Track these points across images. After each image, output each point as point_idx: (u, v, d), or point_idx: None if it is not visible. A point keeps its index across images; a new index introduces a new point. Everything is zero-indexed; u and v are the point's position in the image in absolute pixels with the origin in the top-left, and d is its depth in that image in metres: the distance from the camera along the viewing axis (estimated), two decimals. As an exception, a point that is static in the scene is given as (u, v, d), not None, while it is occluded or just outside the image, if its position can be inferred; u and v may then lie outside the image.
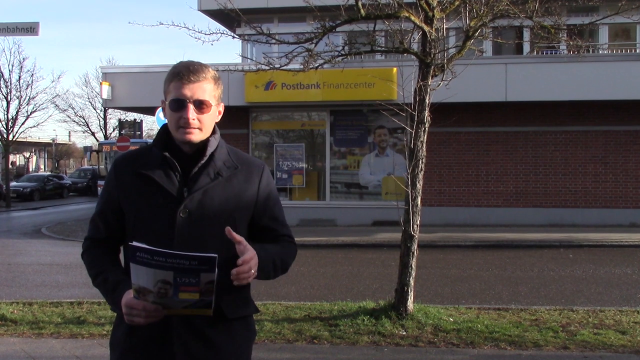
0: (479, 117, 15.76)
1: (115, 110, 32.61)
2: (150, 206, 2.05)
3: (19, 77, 26.06)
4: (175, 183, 2.06)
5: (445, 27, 6.76)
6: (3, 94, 25.71)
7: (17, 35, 15.45)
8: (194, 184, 2.05)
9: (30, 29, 12.07)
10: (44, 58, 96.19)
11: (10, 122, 25.45)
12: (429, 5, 6.29)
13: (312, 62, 6.83)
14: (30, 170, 55.48)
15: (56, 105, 37.65)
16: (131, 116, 31.59)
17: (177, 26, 7.25)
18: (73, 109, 40.73)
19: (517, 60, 15.35)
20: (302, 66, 6.95)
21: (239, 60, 20.13)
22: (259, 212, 2.16)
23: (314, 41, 6.66)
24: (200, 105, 2.03)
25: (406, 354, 5.36)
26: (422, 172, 6.53)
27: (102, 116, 40.28)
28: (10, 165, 36.99)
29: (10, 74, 25.87)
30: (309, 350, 5.50)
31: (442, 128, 13.51)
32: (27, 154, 58.90)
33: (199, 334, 2.04)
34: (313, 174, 16.71)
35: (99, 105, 38.36)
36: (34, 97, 26.90)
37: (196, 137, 2.05)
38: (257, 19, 13.98)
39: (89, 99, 40.95)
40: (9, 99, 25.62)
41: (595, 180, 15.62)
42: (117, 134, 31.50)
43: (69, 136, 59.86)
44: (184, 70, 2.02)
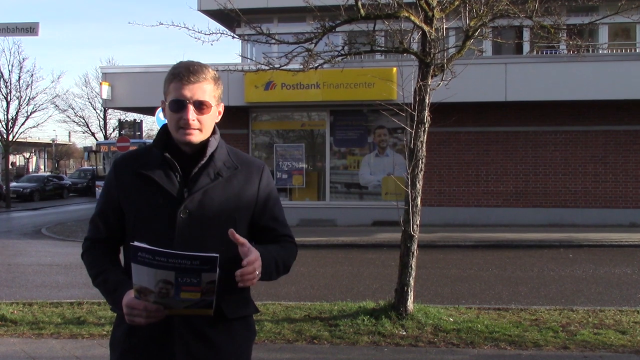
0: (478, 117, 15.77)
1: (115, 111, 32.62)
2: (150, 206, 2.05)
3: (19, 77, 26.12)
4: (176, 183, 2.06)
5: (445, 27, 6.76)
6: (3, 95, 25.75)
7: (17, 36, 15.43)
8: (194, 185, 2.05)
9: (30, 29, 12.06)
10: (44, 58, 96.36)
11: (10, 123, 25.47)
12: (428, 5, 6.29)
13: (311, 62, 6.83)
14: (30, 170, 55.49)
15: (56, 105, 37.77)
16: (131, 116, 31.61)
17: (177, 26, 7.25)
18: (73, 109, 40.83)
19: (517, 60, 15.35)
20: (301, 66, 6.95)
21: (238, 60, 20.13)
22: (259, 212, 2.16)
23: (314, 41, 6.66)
24: (200, 106, 2.03)
25: (406, 354, 5.36)
26: (422, 172, 6.53)
27: (102, 116, 40.31)
28: (10, 166, 37.00)
29: (10, 74, 25.94)
30: (309, 350, 5.50)
31: (442, 128, 13.52)
32: (27, 155, 58.90)
33: (199, 334, 2.04)
34: (313, 174, 16.71)
35: (99, 106, 38.38)
36: (33, 98, 26.99)
37: (196, 138, 2.05)
38: (257, 19, 13.98)
39: (88, 99, 41.04)
40: (8, 100, 25.66)
41: (595, 180, 15.62)
42: (117, 134, 31.49)
43: (69, 136, 60.05)
44: (184, 71, 2.02)
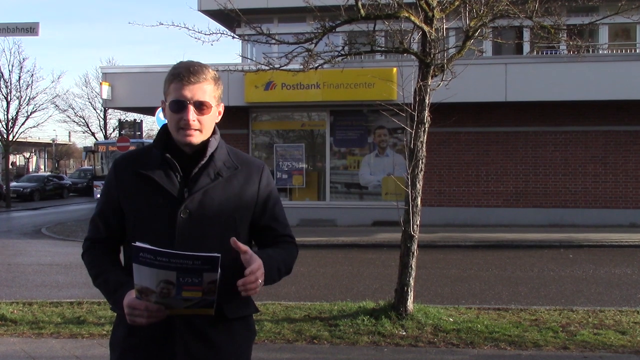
0: (478, 117, 15.77)
1: (115, 111, 32.62)
2: (150, 206, 2.05)
3: (19, 77, 26.14)
4: (176, 183, 2.06)
5: (445, 27, 6.76)
6: (3, 94, 25.76)
7: (17, 36, 15.45)
8: (194, 185, 2.05)
9: (30, 29, 12.07)
10: (44, 58, 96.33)
11: (10, 123, 25.48)
12: (428, 6, 6.29)
13: (312, 62, 6.83)
14: (30, 170, 55.49)
15: (56, 105, 37.74)
16: (131, 116, 31.59)
17: (177, 26, 7.26)
18: (73, 109, 40.80)
19: (517, 60, 15.36)
20: (302, 66, 6.95)
21: (238, 60, 20.15)
22: (260, 212, 2.16)
23: (314, 41, 6.66)
24: (200, 106, 2.03)
25: (406, 354, 5.36)
26: (422, 173, 6.53)
27: (102, 116, 40.28)
28: (11, 166, 36.99)
29: (10, 74, 25.96)
30: (308, 350, 5.50)
31: (442, 128, 13.52)
32: (27, 154, 58.91)
33: (199, 334, 2.04)
34: (313, 174, 16.71)
35: (99, 106, 38.37)
36: (34, 98, 27.00)
37: (196, 139, 2.06)
38: (257, 19, 13.98)
39: (89, 99, 41.01)
40: (9, 99, 25.67)
41: (595, 180, 15.63)
42: (117, 134, 31.49)
43: (69, 136, 60.02)
44: (184, 72, 2.02)
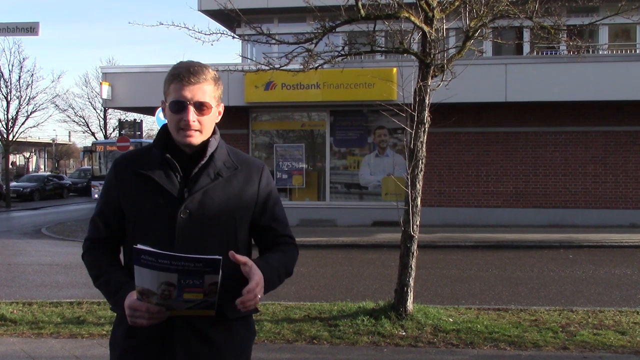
0: (478, 117, 15.77)
1: (115, 110, 32.62)
2: (150, 206, 2.05)
3: (19, 77, 26.14)
4: (176, 183, 2.06)
5: (445, 27, 6.76)
6: (3, 94, 25.76)
7: (17, 35, 15.44)
8: (194, 185, 2.05)
9: (30, 29, 12.07)
10: (44, 58, 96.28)
11: (10, 122, 25.48)
12: (428, 6, 6.30)
13: (312, 62, 6.83)
14: (30, 170, 55.49)
15: (56, 105, 37.71)
16: (131, 116, 31.59)
17: (177, 26, 7.26)
18: (73, 109, 40.76)
19: (517, 60, 15.36)
20: (302, 66, 6.96)
21: (239, 60, 20.14)
22: (259, 212, 2.16)
23: (314, 41, 6.67)
24: (200, 107, 2.03)
25: (406, 355, 5.36)
26: (422, 173, 6.53)
27: (102, 116, 40.25)
28: (10, 166, 37.00)
29: (10, 74, 25.95)
30: (308, 350, 5.50)
31: (442, 128, 13.53)
32: (27, 154, 58.91)
33: (199, 334, 2.04)
34: (313, 175, 16.71)
35: (99, 105, 38.35)
36: (34, 97, 26.99)
37: (196, 139, 2.06)
38: (257, 19, 13.98)
39: (89, 99, 40.98)
40: (9, 99, 25.67)
41: (595, 180, 15.63)
42: (117, 134, 31.49)
43: (69, 136, 59.96)
44: (184, 72, 2.02)
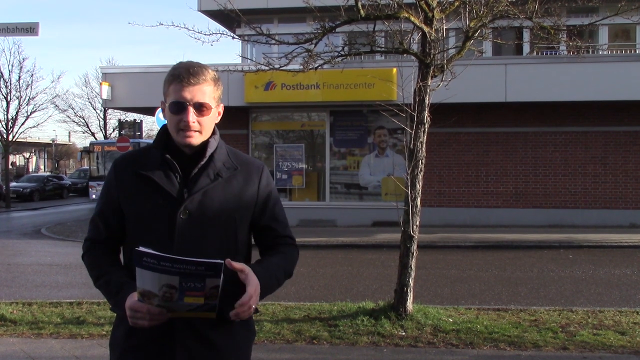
0: (478, 117, 15.77)
1: (115, 111, 32.61)
2: (150, 207, 2.05)
3: (19, 77, 26.11)
4: (176, 184, 2.06)
5: (445, 27, 6.76)
6: (3, 94, 25.74)
7: (17, 36, 15.42)
8: (194, 185, 2.05)
9: (30, 29, 12.06)
10: (44, 58, 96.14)
11: (10, 123, 25.46)
12: (428, 6, 6.30)
13: (311, 62, 6.83)
14: (30, 170, 55.48)
15: (56, 105, 37.74)
16: (131, 116, 31.60)
17: (177, 27, 7.27)
18: (73, 109, 40.78)
19: (517, 60, 15.36)
20: (301, 66, 6.96)
21: (238, 60, 20.13)
22: (259, 212, 2.16)
23: (314, 42, 6.67)
24: (200, 108, 2.03)
25: (405, 355, 5.36)
26: (421, 173, 6.53)
27: (102, 116, 40.29)
28: (10, 166, 37.00)
29: (10, 74, 25.94)
30: (308, 350, 5.50)
31: (442, 129, 13.52)
32: (27, 155, 58.89)
33: (199, 335, 2.04)
34: (313, 175, 16.71)
35: (98, 106, 38.35)
36: (33, 98, 26.98)
37: (196, 140, 2.06)
38: (257, 19, 13.98)
39: (88, 99, 40.99)
40: (8, 99, 25.65)
41: (595, 181, 15.63)
42: (117, 134, 31.49)
43: (69, 136, 59.94)
44: (184, 73, 2.02)
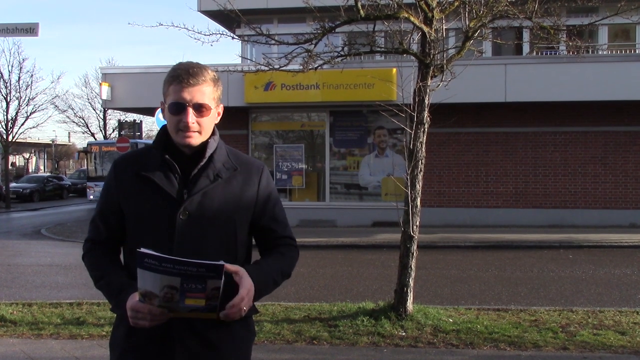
0: (478, 117, 15.77)
1: (115, 111, 32.62)
2: (150, 208, 2.05)
3: (19, 77, 26.07)
4: (175, 185, 2.06)
5: (444, 27, 6.77)
6: (3, 95, 25.70)
7: (17, 36, 15.43)
8: (193, 186, 2.05)
9: (30, 29, 12.05)
10: (44, 59, 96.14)
11: (9, 123, 25.44)
12: (428, 6, 6.30)
13: (311, 62, 6.84)
14: (30, 171, 55.49)
15: (56, 106, 37.71)
16: (131, 117, 31.61)
17: (177, 27, 7.27)
18: (73, 109, 40.73)
19: (517, 60, 15.36)
20: (301, 67, 6.96)
21: (238, 60, 20.13)
22: (259, 213, 2.16)
23: (314, 42, 6.67)
24: (199, 108, 2.03)
25: (406, 355, 5.36)
26: (421, 173, 6.53)
27: (102, 117, 40.27)
28: (10, 166, 37.00)
29: (9, 75, 25.89)
30: (308, 351, 5.50)
31: (442, 129, 13.52)
32: (26, 155, 58.88)
33: (199, 335, 2.04)
34: (313, 175, 16.71)
35: (98, 106, 38.31)
36: (33, 98, 26.93)
37: (196, 140, 2.05)
38: (256, 19, 13.98)
39: (88, 99, 40.95)
40: (8, 100, 25.62)
41: (594, 181, 15.63)
42: (117, 135, 31.48)
43: (69, 137, 59.85)
44: (184, 74, 2.01)
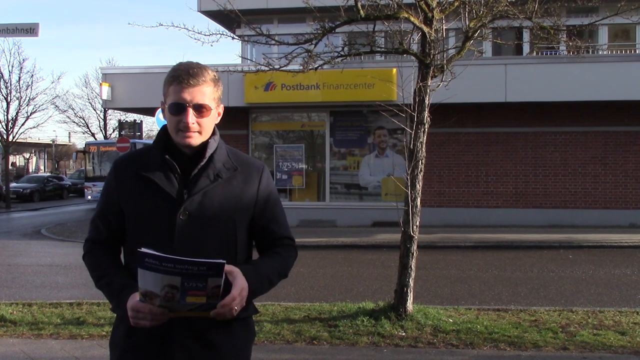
0: (478, 117, 15.77)
1: (115, 111, 32.63)
2: (150, 208, 2.05)
3: (19, 78, 26.09)
4: (175, 185, 2.06)
5: (444, 27, 6.77)
6: (3, 95, 25.72)
7: (17, 36, 15.45)
8: (193, 186, 2.05)
9: (30, 29, 12.05)
10: (44, 59, 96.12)
11: (10, 123, 25.45)
12: (428, 6, 6.30)
13: (311, 62, 6.84)
14: (30, 171, 55.49)
15: (56, 106, 37.74)
16: (131, 117, 31.62)
17: (177, 27, 7.27)
18: (73, 109, 40.76)
19: (517, 60, 15.36)
20: (301, 67, 6.96)
21: (238, 61, 20.13)
22: (259, 213, 2.16)
23: (314, 42, 6.67)
24: (199, 109, 2.03)
25: (405, 355, 5.36)
26: (421, 173, 6.53)
27: (102, 117, 40.29)
28: (10, 166, 37.00)
29: (10, 75, 25.91)
30: (308, 351, 5.50)
31: (442, 129, 13.52)
32: (27, 155, 58.90)
33: (199, 335, 2.04)
34: (313, 175, 16.71)
35: (98, 106, 38.35)
36: (33, 98, 26.95)
37: (196, 140, 2.06)
38: (256, 19, 13.99)
39: (88, 99, 40.99)
40: (8, 100, 25.63)
41: (594, 181, 15.63)
42: (117, 135, 31.49)
43: (69, 137, 59.85)
44: (184, 74, 2.01)
